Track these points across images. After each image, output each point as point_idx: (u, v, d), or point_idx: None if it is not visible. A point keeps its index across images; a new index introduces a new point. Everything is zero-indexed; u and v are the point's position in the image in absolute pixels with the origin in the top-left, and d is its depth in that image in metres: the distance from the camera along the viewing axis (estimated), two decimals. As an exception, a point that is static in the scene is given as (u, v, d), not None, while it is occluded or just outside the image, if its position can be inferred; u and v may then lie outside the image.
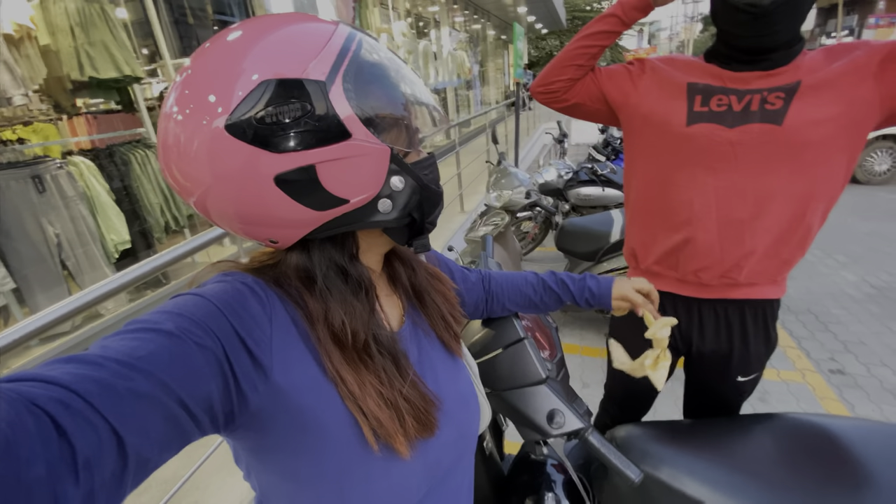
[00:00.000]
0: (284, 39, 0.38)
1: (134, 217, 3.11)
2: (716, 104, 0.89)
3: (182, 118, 0.37)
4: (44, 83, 2.69)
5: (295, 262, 0.44)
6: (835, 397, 2.04)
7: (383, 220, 0.44)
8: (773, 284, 0.99)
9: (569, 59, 1.02)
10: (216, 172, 0.38)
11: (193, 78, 0.38)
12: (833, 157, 0.86)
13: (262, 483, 0.46)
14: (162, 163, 0.41)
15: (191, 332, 0.34)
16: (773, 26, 0.80)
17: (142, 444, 0.29)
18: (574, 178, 3.29)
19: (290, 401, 0.40)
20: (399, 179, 0.43)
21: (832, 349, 2.37)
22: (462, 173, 4.19)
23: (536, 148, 7.75)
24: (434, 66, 7.93)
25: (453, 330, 0.58)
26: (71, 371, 0.28)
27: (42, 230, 2.51)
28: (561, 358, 0.84)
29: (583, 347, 2.55)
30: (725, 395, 1.13)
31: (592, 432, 0.73)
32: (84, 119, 3.36)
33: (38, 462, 0.24)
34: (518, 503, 0.95)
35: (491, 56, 13.92)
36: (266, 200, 0.39)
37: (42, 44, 2.56)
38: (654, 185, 1.01)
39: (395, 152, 0.42)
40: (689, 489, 0.80)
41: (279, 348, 0.40)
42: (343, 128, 0.38)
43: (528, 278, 0.81)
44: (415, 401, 0.46)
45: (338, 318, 0.43)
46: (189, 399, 0.33)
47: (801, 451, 0.84)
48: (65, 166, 2.62)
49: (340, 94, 0.38)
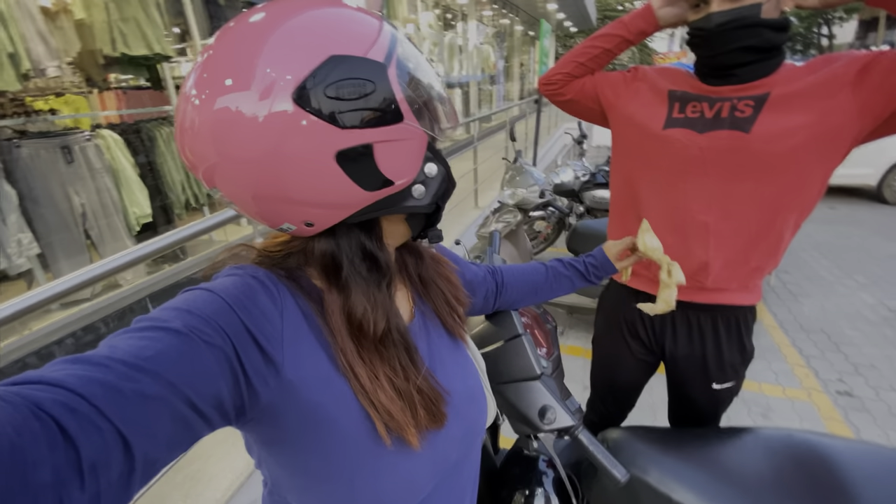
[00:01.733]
0: (343, 20, 0.39)
1: (156, 192, 3.19)
2: (690, 110, 0.92)
3: (229, 96, 0.36)
4: (77, 56, 2.76)
5: (322, 248, 0.44)
6: (840, 419, 2.01)
7: (416, 205, 0.45)
8: (743, 291, 1.01)
9: (572, 56, 1.08)
10: (273, 149, 0.36)
11: (235, 53, 0.37)
12: (804, 167, 0.86)
13: (273, 474, 0.46)
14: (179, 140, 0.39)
15: (199, 330, 0.34)
16: (726, 45, 0.83)
17: (149, 447, 0.29)
18: (591, 179, 3.27)
19: (301, 396, 0.40)
20: (433, 166, 0.45)
21: (842, 370, 2.33)
22: (479, 169, 4.19)
23: (556, 147, 7.68)
24: (458, 60, 7.90)
25: (458, 313, 0.59)
26: (77, 373, 0.28)
27: (68, 199, 2.60)
28: (557, 356, 0.86)
29: (587, 350, 2.55)
30: (702, 403, 1.14)
31: (582, 430, 0.74)
32: (114, 94, 3.46)
33: (43, 467, 0.23)
34: (508, 496, 0.97)
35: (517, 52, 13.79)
36: (321, 177, 0.38)
37: (77, 18, 2.63)
38: (629, 185, 1.07)
39: (431, 139, 0.44)
40: (675, 494, 0.81)
41: (290, 343, 0.40)
42: (398, 110, 0.40)
43: (537, 267, 0.84)
44: (427, 392, 0.46)
45: (360, 306, 0.43)
46: (198, 398, 0.32)
47: (790, 468, 0.84)
48: (93, 139, 2.70)
49: (395, 78, 0.40)
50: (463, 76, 8.26)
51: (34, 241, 2.45)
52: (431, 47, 6.81)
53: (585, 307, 2.52)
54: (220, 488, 1.48)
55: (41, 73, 2.46)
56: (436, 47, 6.91)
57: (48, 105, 3.12)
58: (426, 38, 6.58)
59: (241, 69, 0.36)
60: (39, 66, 2.42)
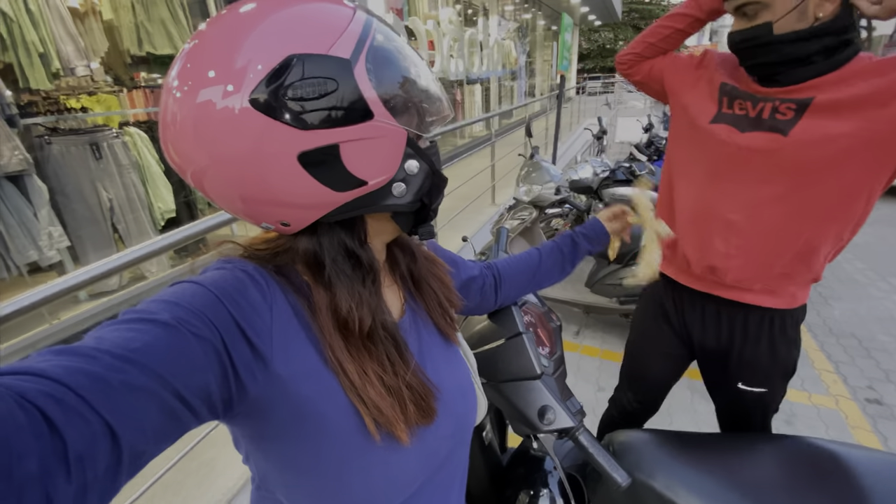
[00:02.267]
0: (307, 16, 0.38)
1: (180, 188, 3.28)
2: (738, 107, 0.91)
3: (191, 95, 0.35)
4: (105, 56, 2.86)
5: (304, 246, 0.44)
6: (868, 427, 1.92)
7: (397, 203, 0.44)
8: (769, 294, 0.98)
9: (643, 36, 1.08)
10: (234, 151, 0.36)
11: (204, 50, 0.37)
12: (844, 178, 0.82)
13: (260, 470, 0.46)
14: (167, 137, 0.39)
15: (188, 322, 0.34)
16: (747, 60, 0.86)
17: (136, 438, 0.29)
18: (610, 176, 3.20)
19: (289, 390, 0.40)
20: (414, 163, 0.43)
21: (872, 377, 2.22)
22: (497, 165, 4.16)
23: (578, 144, 7.55)
24: (479, 55, 7.85)
25: (449, 315, 0.58)
26: (63, 364, 0.28)
27: (97, 194, 2.70)
28: (560, 356, 0.84)
29: (603, 351, 2.51)
30: (733, 405, 1.12)
31: (583, 432, 0.73)
32: (142, 92, 3.56)
33: (29, 457, 0.23)
34: (513, 495, 0.97)
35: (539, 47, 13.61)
36: (286, 179, 0.38)
37: (105, 18, 2.72)
38: (669, 173, 1.09)
39: (411, 136, 0.42)
40: (680, 499, 0.79)
41: (279, 337, 0.40)
42: (367, 108, 0.38)
43: (531, 252, 0.83)
44: (416, 388, 0.46)
45: (345, 304, 0.43)
46: (185, 390, 0.32)
47: (804, 476, 0.80)
48: (121, 136, 2.79)
49: (364, 75, 0.38)
50: (484, 72, 8.20)
51: (64, 235, 2.55)
52: (452, 43, 6.78)
53: (603, 306, 2.48)
54: (234, 476, 1.52)
55: (70, 73, 2.56)
56: (456, 43, 6.88)
57: (80, 103, 3.25)
58: (446, 34, 6.55)
59: (201, 69, 0.36)
60: (69, 65, 2.52)
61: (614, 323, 2.73)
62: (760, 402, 1.08)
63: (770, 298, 0.98)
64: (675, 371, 1.22)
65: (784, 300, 0.98)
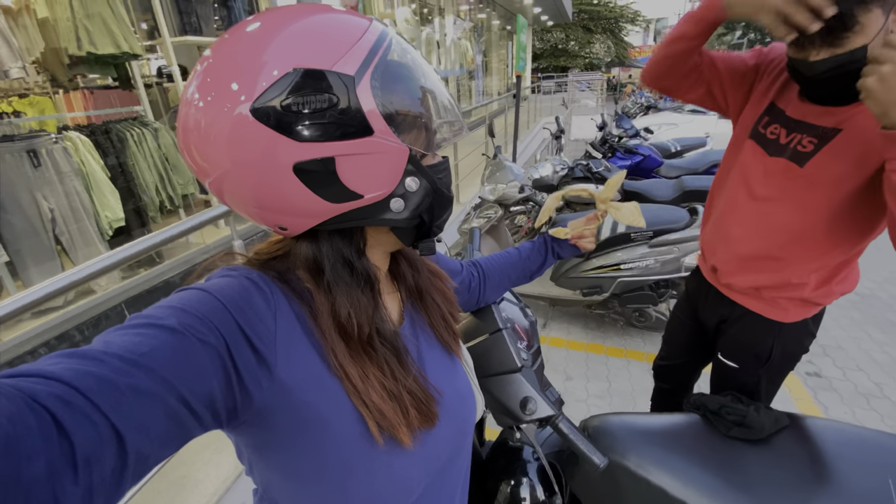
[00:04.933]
0: (316, 30, 0.38)
1: (129, 195, 3.11)
2: (771, 131, 0.96)
3: (204, 104, 0.37)
4: (41, 56, 2.67)
5: (304, 251, 0.45)
6: (809, 399, 2.10)
7: (394, 219, 0.44)
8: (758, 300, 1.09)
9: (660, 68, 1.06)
10: (235, 157, 0.38)
11: (216, 65, 0.38)
12: (854, 208, 0.88)
13: (263, 479, 0.46)
14: (181, 144, 0.41)
15: (194, 329, 0.34)
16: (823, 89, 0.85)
17: (142, 442, 0.29)
18: (569, 174, 3.32)
19: (293, 397, 0.40)
20: (414, 181, 0.43)
21: (811, 352, 2.42)
22: (460, 165, 4.20)
23: (536, 142, 7.74)
24: (437, 55, 7.87)
25: (452, 329, 0.59)
26: (72, 367, 0.28)
27: (36, 204, 2.51)
28: (538, 349, 0.88)
29: (568, 341, 2.60)
30: (716, 376, 1.25)
31: (562, 419, 0.76)
32: (81, 94, 3.34)
33: (37, 459, 0.23)
34: (494, 486, 0.99)
35: (495, 47, 13.81)
36: (281, 188, 0.39)
37: (40, 16, 2.53)
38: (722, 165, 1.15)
39: (413, 153, 0.42)
40: (653, 477, 0.84)
41: (283, 345, 0.40)
42: (366, 124, 0.38)
43: (510, 251, 0.88)
44: (417, 393, 0.46)
45: (344, 309, 0.43)
46: (191, 396, 0.32)
47: (768, 448, 0.88)
48: (60, 141, 2.61)
49: (367, 91, 0.38)
50: (442, 71, 8.25)
51: (1, 249, 2.36)
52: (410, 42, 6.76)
53: (568, 299, 2.57)
54: (206, 493, 1.46)
55: (4, 76, 2.37)
56: (413, 42, 6.85)
57: (11, 107, 3.00)
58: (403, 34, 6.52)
59: (213, 82, 0.38)
60: (2, 67, 2.33)
61: (577, 314, 2.84)
62: (735, 380, 1.18)
63: (759, 304, 1.09)
64: (691, 343, 1.34)
65: (775, 310, 1.07)
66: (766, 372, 1.14)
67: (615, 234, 2.37)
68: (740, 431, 0.90)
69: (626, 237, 2.37)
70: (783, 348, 1.10)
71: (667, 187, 3.19)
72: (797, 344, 1.11)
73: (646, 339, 2.57)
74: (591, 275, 2.43)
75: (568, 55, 23.77)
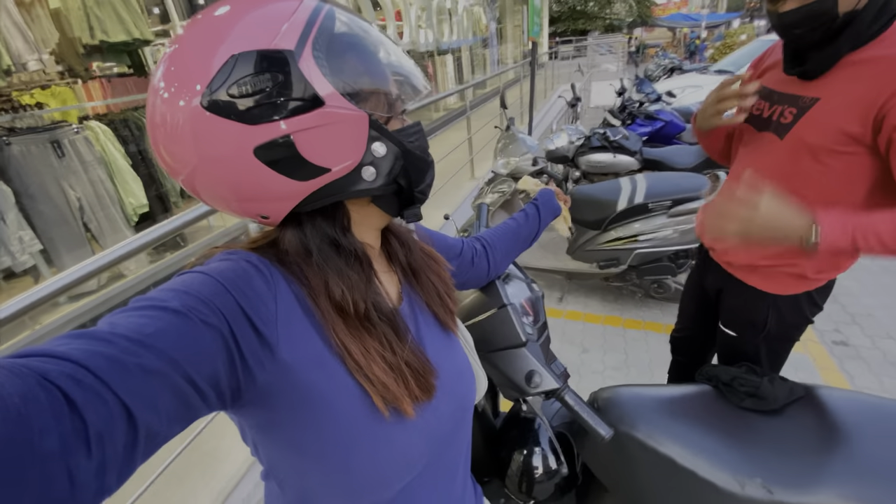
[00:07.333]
0: (253, 13, 0.39)
1: (151, 181, 3.19)
2: (756, 108, 0.99)
3: (166, 97, 0.38)
4: (56, 47, 2.72)
5: (290, 237, 0.45)
6: (835, 368, 2.05)
7: (369, 187, 0.44)
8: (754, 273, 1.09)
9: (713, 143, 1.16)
10: (201, 152, 0.38)
11: (174, 56, 0.39)
12: (840, 181, 0.87)
13: (269, 458, 0.47)
14: (151, 140, 0.41)
15: (197, 310, 0.35)
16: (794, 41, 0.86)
17: (151, 419, 0.30)
18: (586, 144, 3.23)
19: (296, 376, 0.41)
20: (381, 146, 0.43)
21: (838, 320, 2.36)
22: (474, 138, 4.13)
23: (553, 112, 7.52)
24: (449, 24, 7.65)
25: (449, 308, 0.59)
26: (81, 347, 0.29)
27: (64, 194, 2.62)
28: (544, 323, 0.88)
29: (585, 314, 2.59)
30: (720, 345, 1.25)
31: (567, 392, 0.77)
32: (99, 83, 3.41)
33: (51, 435, 0.24)
34: (507, 456, 1.02)
35: (509, 13, 13.32)
36: (250, 175, 0.39)
37: (52, 7, 2.57)
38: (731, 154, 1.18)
39: (375, 119, 0.42)
40: (662, 447, 0.85)
41: (284, 325, 0.41)
42: (315, 96, 0.38)
43: (507, 221, 0.89)
44: (415, 365, 0.47)
45: (337, 288, 0.44)
46: (196, 375, 0.33)
47: (781, 418, 0.87)
48: (81, 131, 2.68)
49: (311, 63, 0.38)
50: (454, 41, 8.02)
51: (35, 238, 2.48)
52: (419, 12, 6.59)
53: (584, 272, 2.55)
54: (237, 462, 1.55)
55: (22, 68, 2.43)
56: (424, 12, 6.69)
57: (34, 99, 3.09)
58: (413, 3, 6.36)
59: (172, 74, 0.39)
60: (20, 60, 2.39)
61: (595, 287, 2.82)
62: (734, 348, 1.18)
63: (754, 277, 1.09)
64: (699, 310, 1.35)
65: (770, 283, 1.06)
66: (765, 341, 1.13)
67: (632, 204, 2.31)
68: (753, 402, 0.89)
69: (643, 208, 2.31)
70: (780, 318, 1.09)
71: (689, 154, 3.08)
72: (796, 314, 1.09)
73: (665, 310, 2.54)
74: (608, 247, 2.39)
75: (587, 17, 22.78)
